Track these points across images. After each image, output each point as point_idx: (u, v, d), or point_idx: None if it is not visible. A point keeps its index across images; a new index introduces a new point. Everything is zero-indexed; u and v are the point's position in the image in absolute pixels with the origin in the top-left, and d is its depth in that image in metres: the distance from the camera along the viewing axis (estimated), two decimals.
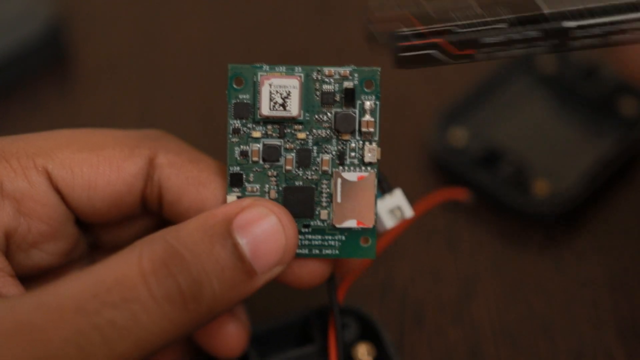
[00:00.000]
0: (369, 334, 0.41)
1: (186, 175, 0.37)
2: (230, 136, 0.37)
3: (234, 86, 0.36)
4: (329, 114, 0.37)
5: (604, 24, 0.34)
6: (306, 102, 0.36)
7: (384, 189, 0.37)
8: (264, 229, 0.34)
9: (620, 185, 0.50)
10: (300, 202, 0.37)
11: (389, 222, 0.37)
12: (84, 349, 0.31)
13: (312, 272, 0.37)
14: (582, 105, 0.53)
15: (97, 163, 0.36)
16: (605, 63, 0.54)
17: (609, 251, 0.48)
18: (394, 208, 0.37)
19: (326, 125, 0.37)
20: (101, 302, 0.31)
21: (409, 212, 0.37)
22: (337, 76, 0.36)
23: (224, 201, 0.37)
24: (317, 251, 0.37)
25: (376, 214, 0.37)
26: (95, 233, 0.39)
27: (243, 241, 0.34)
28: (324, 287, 0.39)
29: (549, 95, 0.54)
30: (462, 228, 0.49)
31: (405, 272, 0.47)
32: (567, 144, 0.52)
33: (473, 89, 0.53)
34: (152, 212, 0.38)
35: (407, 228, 0.39)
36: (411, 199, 0.43)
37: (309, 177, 0.37)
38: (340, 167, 0.37)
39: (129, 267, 0.32)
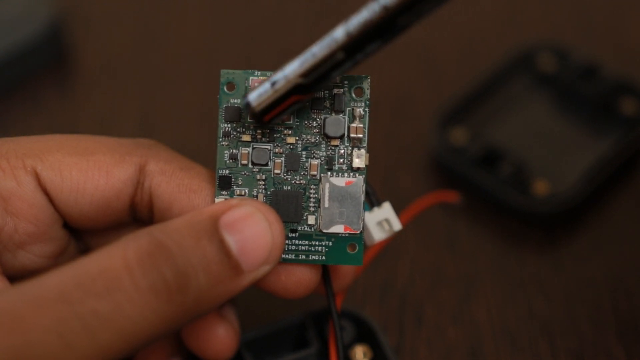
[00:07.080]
0: (365, 335, 0.41)
1: (177, 183, 0.37)
2: (221, 139, 0.37)
3: (226, 91, 0.36)
4: (318, 119, 0.37)
5: None
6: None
7: (372, 202, 0.37)
8: (250, 227, 0.34)
9: (620, 185, 0.50)
10: (287, 206, 0.36)
11: (377, 235, 0.37)
12: (65, 337, 0.30)
13: (298, 281, 0.37)
14: (582, 105, 0.53)
15: (87, 167, 0.36)
16: (605, 63, 0.54)
17: (609, 251, 0.48)
18: (382, 221, 0.37)
19: (315, 130, 0.37)
20: (84, 291, 0.31)
21: (397, 225, 0.37)
22: None
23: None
24: (303, 256, 0.36)
25: (364, 228, 0.37)
26: (85, 239, 0.39)
27: (230, 238, 0.33)
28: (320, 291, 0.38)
29: (549, 95, 0.54)
30: (462, 228, 0.49)
31: (405, 272, 0.47)
32: (567, 144, 0.52)
33: (473, 88, 0.53)
34: (142, 220, 0.38)
35: (396, 234, 0.39)
36: (411, 198, 0.43)
37: (297, 182, 0.37)
38: (329, 172, 0.36)
39: (114, 258, 0.32)
